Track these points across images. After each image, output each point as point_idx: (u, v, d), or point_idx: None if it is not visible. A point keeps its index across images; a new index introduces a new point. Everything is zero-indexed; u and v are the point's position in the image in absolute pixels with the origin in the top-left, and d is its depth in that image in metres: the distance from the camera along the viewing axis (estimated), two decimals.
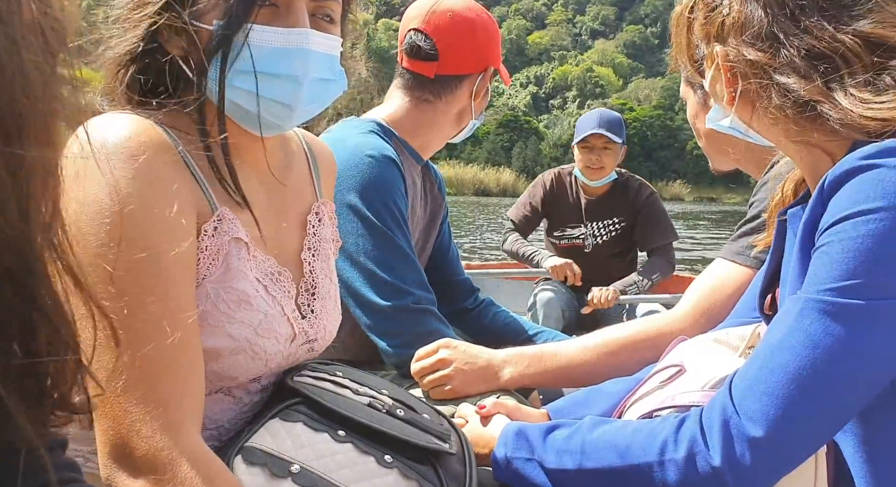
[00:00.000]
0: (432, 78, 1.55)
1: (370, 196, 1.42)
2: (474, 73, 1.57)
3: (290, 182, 0.99)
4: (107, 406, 0.72)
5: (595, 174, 3.13)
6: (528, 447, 0.90)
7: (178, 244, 0.77)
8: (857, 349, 0.70)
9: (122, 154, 0.75)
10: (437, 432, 0.90)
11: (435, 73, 1.55)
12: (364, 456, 0.82)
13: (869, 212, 0.70)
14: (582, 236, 3.27)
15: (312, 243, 0.98)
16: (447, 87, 1.56)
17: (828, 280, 0.72)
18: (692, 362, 0.98)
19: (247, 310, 0.84)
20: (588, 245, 3.26)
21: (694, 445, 0.76)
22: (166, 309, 0.74)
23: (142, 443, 0.70)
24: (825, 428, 0.73)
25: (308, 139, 1.07)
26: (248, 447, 0.78)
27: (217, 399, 0.88)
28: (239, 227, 0.85)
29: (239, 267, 0.84)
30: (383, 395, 0.93)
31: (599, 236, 3.25)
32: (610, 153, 3.10)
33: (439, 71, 1.55)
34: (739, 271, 1.30)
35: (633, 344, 1.30)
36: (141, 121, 0.79)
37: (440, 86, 1.56)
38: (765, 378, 0.73)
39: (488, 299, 1.82)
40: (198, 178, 0.83)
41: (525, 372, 1.28)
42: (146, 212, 0.74)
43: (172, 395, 0.73)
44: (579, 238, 3.28)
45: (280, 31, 0.82)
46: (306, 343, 0.94)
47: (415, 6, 1.61)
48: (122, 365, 0.71)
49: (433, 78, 1.55)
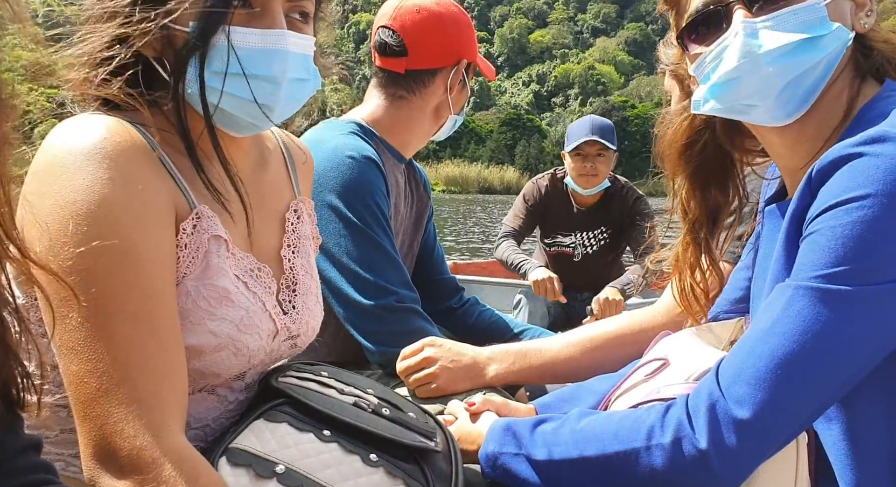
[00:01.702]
0: (403, 73, 1.56)
1: (351, 197, 1.42)
2: (446, 66, 1.57)
3: (267, 180, 0.98)
4: (89, 407, 0.71)
5: (589, 182, 3.08)
6: (515, 442, 0.90)
7: (156, 243, 0.76)
8: (846, 334, 0.71)
9: (97, 155, 0.74)
10: (422, 430, 0.90)
11: (405, 67, 1.55)
12: (349, 456, 0.81)
13: (857, 199, 0.71)
14: (572, 245, 3.26)
15: (292, 240, 0.98)
16: (419, 82, 1.57)
17: (817, 266, 0.72)
18: (676, 355, 0.98)
19: (228, 307, 0.84)
20: (578, 254, 3.26)
21: (680, 429, 0.77)
22: (146, 308, 0.74)
23: (125, 443, 0.70)
24: (810, 411, 0.74)
25: (284, 137, 1.07)
26: (232, 448, 0.78)
27: (201, 398, 0.88)
28: (218, 225, 0.85)
29: (219, 265, 0.84)
30: (368, 394, 0.92)
31: (589, 246, 3.24)
32: (604, 160, 3.06)
33: (409, 66, 1.55)
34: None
35: (617, 339, 1.30)
36: (115, 121, 0.78)
37: (412, 81, 1.56)
38: (753, 363, 0.74)
39: (473, 298, 1.82)
40: (175, 177, 0.82)
41: (510, 369, 1.28)
42: (123, 212, 0.74)
43: (155, 394, 0.72)
44: (569, 246, 3.27)
45: (257, 32, 0.82)
46: (289, 338, 0.94)
47: (386, 5, 1.62)
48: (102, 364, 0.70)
49: (404, 73, 1.56)
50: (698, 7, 0.90)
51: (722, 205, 1.07)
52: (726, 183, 1.07)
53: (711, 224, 1.07)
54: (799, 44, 0.83)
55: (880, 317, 0.71)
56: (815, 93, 0.86)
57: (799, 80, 0.84)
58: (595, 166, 3.05)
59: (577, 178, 3.10)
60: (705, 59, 0.90)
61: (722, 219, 1.08)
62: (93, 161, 0.74)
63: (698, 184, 1.06)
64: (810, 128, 0.89)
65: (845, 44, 0.84)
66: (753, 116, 0.91)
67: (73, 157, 0.74)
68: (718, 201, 1.07)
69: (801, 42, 0.83)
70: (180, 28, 0.80)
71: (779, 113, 0.88)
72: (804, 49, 0.83)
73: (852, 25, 0.86)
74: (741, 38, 0.85)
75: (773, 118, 0.89)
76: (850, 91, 0.87)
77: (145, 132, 0.81)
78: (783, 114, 0.88)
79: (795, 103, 0.87)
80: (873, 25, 0.89)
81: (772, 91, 0.85)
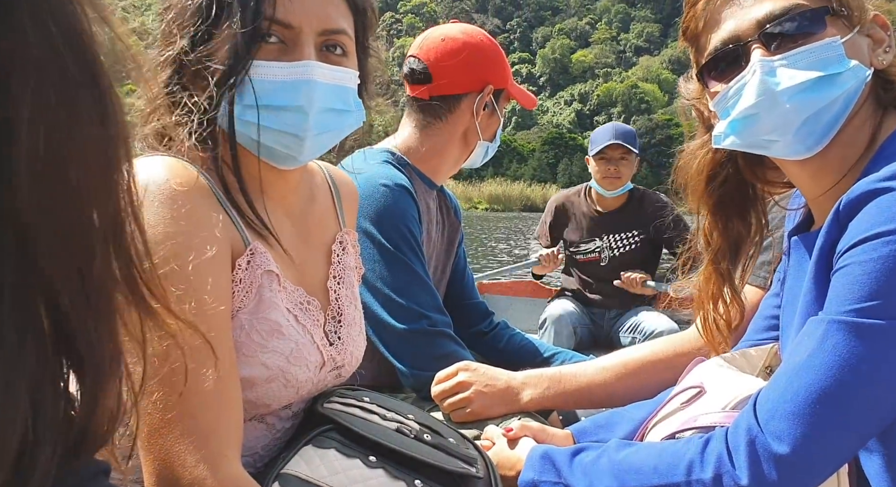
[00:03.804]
0: (428, 100, 1.61)
1: (385, 223, 1.45)
2: (471, 91, 1.61)
3: (314, 213, 1.02)
4: (153, 438, 0.74)
5: (612, 184, 3.19)
6: (554, 470, 0.91)
7: (215, 278, 0.79)
8: (882, 368, 0.72)
9: (161, 196, 0.78)
10: (463, 456, 0.92)
11: (430, 94, 1.61)
12: (395, 481, 0.84)
13: (889, 233, 0.72)
14: (598, 249, 3.31)
15: (337, 271, 1.01)
16: (445, 108, 1.61)
17: (850, 301, 0.74)
18: (712, 383, 0.99)
19: (279, 340, 0.87)
20: (604, 258, 3.30)
21: (721, 465, 0.78)
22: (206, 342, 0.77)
23: (186, 473, 0.73)
24: (850, 446, 0.75)
25: (331, 171, 1.11)
26: (284, 474, 0.80)
27: (251, 426, 0.91)
28: (270, 260, 0.88)
29: (271, 299, 0.87)
30: (410, 420, 0.95)
31: (616, 249, 3.28)
32: (626, 163, 3.17)
33: (433, 92, 1.60)
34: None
35: (652, 364, 1.31)
36: (176, 162, 0.82)
37: (438, 107, 1.61)
38: (790, 398, 0.75)
39: (503, 322, 1.84)
40: (230, 214, 0.86)
41: (545, 394, 1.29)
42: (186, 249, 0.77)
43: (215, 426, 0.76)
44: (595, 252, 3.32)
45: (284, 64, 0.85)
46: (334, 369, 0.97)
47: (418, 38, 1.69)
48: (169, 400, 0.73)
49: (429, 99, 1.61)
50: (717, 46, 0.92)
51: (744, 236, 1.08)
52: (748, 214, 1.09)
53: (734, 255, 1.09)
54: (816, 81, 0.85)
55: None
56: (834, 128, 0.88)
57: (817, 116, 0.87)
58: (618, 169, 3.16)
59: (602, 180, 3.21)
60: (725, 96, 0.92)
61: (744, 250, 1.09)
62: (156, 202, 0.78)
63: (721, 215, 1.08)
64: (833, 161, 0.90)
65: (863, 81, 0.86)
66: (774, 151, 0.93)
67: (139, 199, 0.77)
68: (741, 232, 1.09)
69: (818, 79, 0.85)
70: (218, 66, 0.84)
71: (799, 147, 0.90)
72: (821, 86, 0.85)
73: (870, 61, 0.88)
74: (759, 76, 0.87)
75: (794, 152, 0.91)
76: (873, 123, 0.89)
77: (202, 171, 0.84)
78: (803, 149, 0.90)
79: (815, 138, 0.89)
80: (892, 61, 0.91)
81: (790, 127, 0.87)
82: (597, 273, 3.28)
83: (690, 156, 1.10)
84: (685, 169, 1.11)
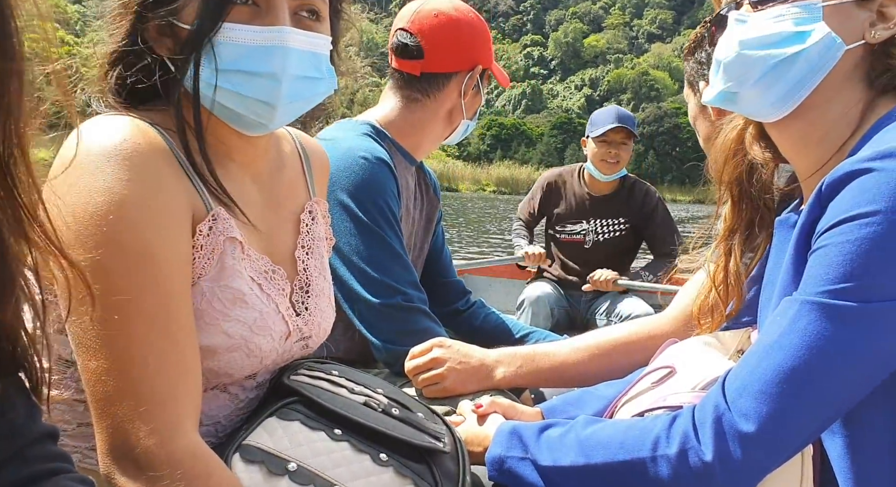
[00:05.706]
0: (419, 76, 1.57)
1: (362, 196, 1.43)
2: (461, 70, 1.58)
3: (283, 181, 0.99)
4: (105, 405, 0.72)
5: (610, 168, 3.18)
6: (521, 446, 0.91)
7: (173, 244, 0.77)
8: (852, 351, 0.71)
9: (117, 156, 0.75)
10: (431, 431, 0.91)
11: (421, 70, 1.57)
12: (360, 455, 0.82)
13: (867, 215, 0.71)
14: (583, 232, 3.32)
15: (306, 241, 0.99)
16: (434, 85, 1.58)
17: (824, 282, 0.73)
18: (683, 364, 0.99)
19: (242, 308, 0.85)
20: (588, 241, 3.31)
21: (686, 441, 0.77)
22: (163, 308, 0.75)
23: (140, 441, 0.71)
24: (815, 426, 0.75)
25: (301, 139, 1.08)
26: (245, 445, 0.79)
27: (213, 396, 0.89)
28: (233, 227, 0.86)
29: (234, 266, 0.85)
30: (378, 394, 0.94)
31: (602, 233, 3.29)
32: (626, 148, 3.17)
33: (425, 68, 1.56)
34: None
35: (625, 345, 1.31)
36: (136, 122, 0.79)
37: (427, 83, 1.58)
38: (759, 377, 0.75)
39: (479, 301, 1.83)
40: (192, 179, 0.83)
41: (518, 372, 1.29)
42: (141, 213, 0.75)
43: (170, 394, 0.74)
44: (580, 233, 3.33)
45: (256, 29, 0.82)
46: (301, 340, 0.95)
47: (405, 8, 1.63)
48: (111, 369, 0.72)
49: (419, 76, 1.57)
50: (722, 9, 0.94)
51: (754, 221, 1.08)
52: (759, 200, 1.08)
53: (744, 237, 1.08)
54: (778, 34, 0.86)
55: (885, 335, 0.71)
56: (799, 89, 0.87)
57: (776, 71, 0.86)
58: (618, 153, 3.15)
59: (599, 163, 3.18)
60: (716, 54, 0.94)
61: (753, 235, 1.08)
62: (111, 163, 0.75)
63: (735, 194, 1.08)
64: (812, 135, 0.89)
65: (834, 46, 0.85)
66: (740, 105, 0.94)
67: (91, 159, 0.75)
68: (752, 216, 1.08)
69: (782, 33, 0.86)
70: (184, 26, 0.81)
71: (762, 103, 0.90)
72: (783, 42, 0.86)
73: (863, 36, 0.87)
74: (732, 27, 0.90)
75: (758, 108, 0.91)
76: (862, 106, 0.88)
77: (164, 133, 0.81)
78: (767, 105, 0.89)
79: (776, 95, 0.88)
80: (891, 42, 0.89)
81: (748, 78, 0.88)
82: (579, 255, 3.29)
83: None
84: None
